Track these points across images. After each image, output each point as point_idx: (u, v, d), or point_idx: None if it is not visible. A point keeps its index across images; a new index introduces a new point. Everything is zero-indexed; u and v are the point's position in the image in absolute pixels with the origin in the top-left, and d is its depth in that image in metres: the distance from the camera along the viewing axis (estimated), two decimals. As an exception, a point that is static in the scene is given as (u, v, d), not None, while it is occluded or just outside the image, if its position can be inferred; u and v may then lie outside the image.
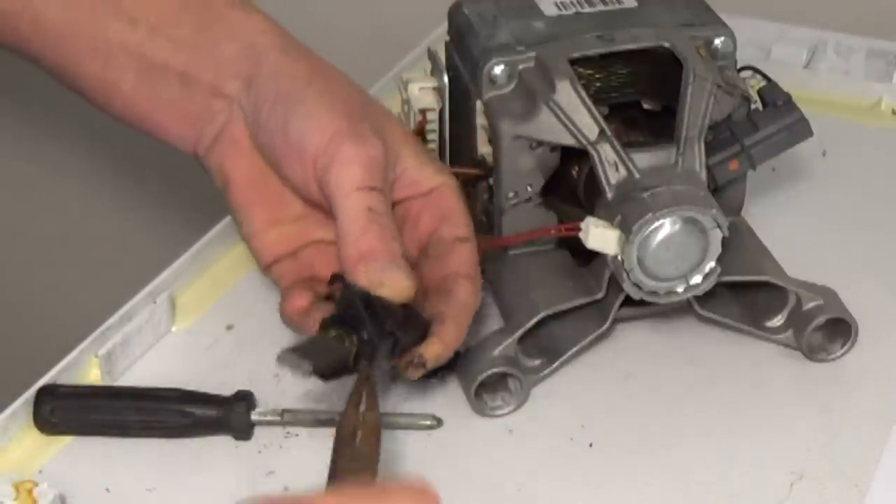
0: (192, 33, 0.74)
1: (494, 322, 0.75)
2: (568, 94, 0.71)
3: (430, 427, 0.71)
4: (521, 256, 0.76)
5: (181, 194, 1.31)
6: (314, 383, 0.74)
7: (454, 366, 0.73)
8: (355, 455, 0.62)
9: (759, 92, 0.76)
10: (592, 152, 0.71)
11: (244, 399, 0.72)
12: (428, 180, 0.72)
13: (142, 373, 0.76)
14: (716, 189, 0.74)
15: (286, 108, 0.71)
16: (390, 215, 0.69)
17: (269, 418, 0.72)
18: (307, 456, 0.70)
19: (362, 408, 0.63)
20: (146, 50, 0.74)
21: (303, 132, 0.70)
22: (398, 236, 0.69)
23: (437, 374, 0.73)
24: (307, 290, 0.71)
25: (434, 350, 0.68)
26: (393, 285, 0.67)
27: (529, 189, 0.74)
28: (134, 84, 0.74)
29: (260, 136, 0.72)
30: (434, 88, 0.77)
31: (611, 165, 0.70)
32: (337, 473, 0.61)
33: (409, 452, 0.70)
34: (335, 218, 0.68)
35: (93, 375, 0.75)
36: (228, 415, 0.71)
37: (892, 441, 0.69)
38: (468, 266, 0.71)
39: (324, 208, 0.71)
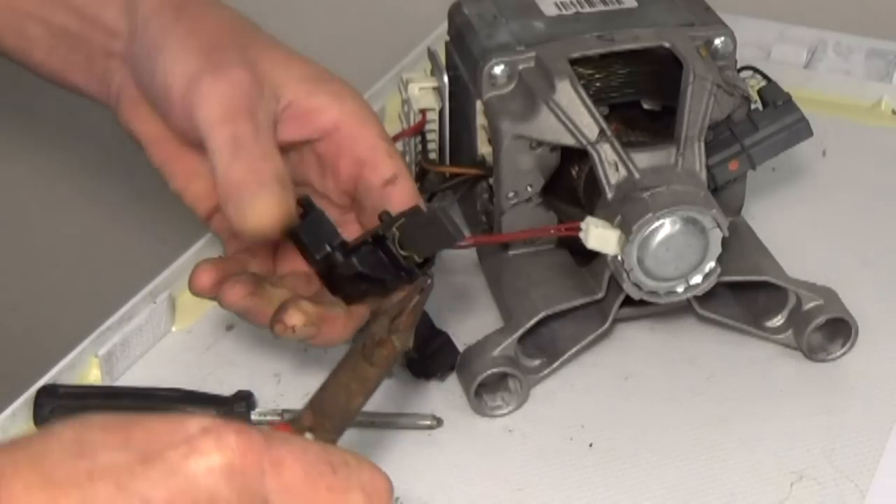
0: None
1: (494, 322, 0.75)
2: (568, 94, 0.71)
3: (430, 427, 0.71)
4: (521, 256, 0.77)
5: (181, 194, 1.31)
6: (314, 383, 0.74)
7: (454, 366, 0.73)
8: (356, 375, 0.57)
9: (759, 92, 0.76)
10: (592, 152, 0.71)
11: (244, 399, 0.72)
12: (324, 112, 0.69)
13: (142, 373, 0.76)
14: (716, 189, 0.74)
15: (153, 60, 0.68)
16: (264, 138, 0.65)
17: (269, 418, 0.72)
18: (307, 456, 0.70)
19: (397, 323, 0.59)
20: (47, 15, 0.73)
21: (167, 80, 0.67)
22: (272, 156, 0.65)
23: (437, 373, 0.74)
24: (218, 263, 0.69)
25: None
26: (256, 216, 0.63)
27: (529, 189, 0.74)
28: (46, 50, 0.73)
29: (144, 91, 0.70)
30: (434, 88, 0.77)
31: (611, 165, 0.70)
32: (326, 393, 0.56)
33: (409, 452, 0.70)
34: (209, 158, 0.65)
35: (93, 375, 0.75)
36: (228, 415, 0.71)
37: (892, 441, 0.69)
38: (407, 206, 0.67)
39: None
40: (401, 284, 0.67)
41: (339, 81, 0.71)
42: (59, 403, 0.71)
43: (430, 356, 0.73)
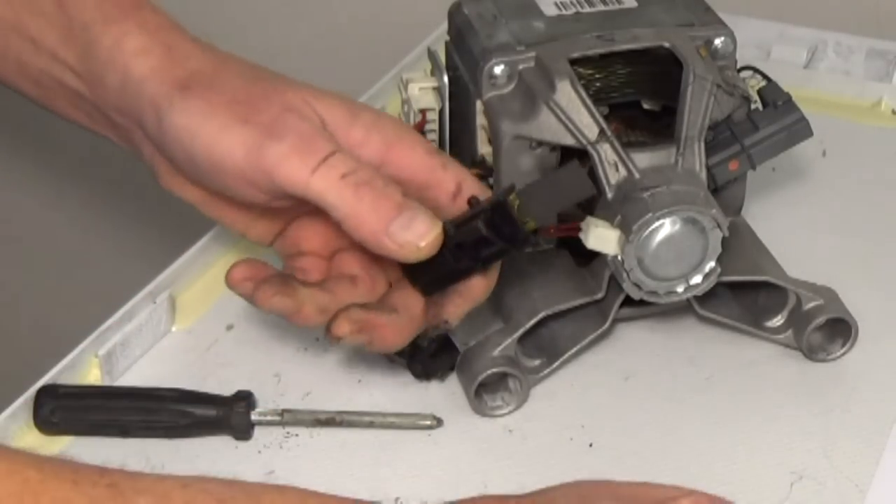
0: (80, 55, 0.70)
1: (494, 322, 0.75)
2: (568, 94, 0.71)
3: (430, 427, 0.71)
4: (521, 256, 0.76)
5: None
6: (314, 383, 0.74)
7: (454, 366, 0.73)
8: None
9: (759, 92, 0.76)
10: (592, 152, 0.71)
11: (244, 399, 0.72)
12: (368, 144, 0.67)
13: (142, 373, 0.76)
14: (716, 189, 0.74)
15: (186, 147, 0.66)
16: (362, 164, 0.65)
17: (269, 418, 0.72)
18: (307, 456, 0.70)
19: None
20: (45, 67, 0.71)
21: (215, 160, 0.65)
22: (387, 179, 0.65)
23: (438, 374, 0.74)
24: (252, 262, 0.69)
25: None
26: (420, 240, 0.64)
27: (529, 189, 0.74)
28: (68, 104, 0.72)
29: (182, 170, 0.69)
30: (434, 88, 0.77)
31: (611, 165, 0.70)
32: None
33: (409, 452, 0.70)
34: (324, 209, 0.65)
35: (93, 375, 0.75)
36: (228, 415, 0.71)
37: (892, 441, 0.69)
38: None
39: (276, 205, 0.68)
40: (507, 255, 0.66)
41: (372, 110, 0.70)
42: (59, 403, 0.71)
43: (431, 356, 0.73)
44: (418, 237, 0.63)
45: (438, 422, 0.71)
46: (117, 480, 0.54)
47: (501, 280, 0.76)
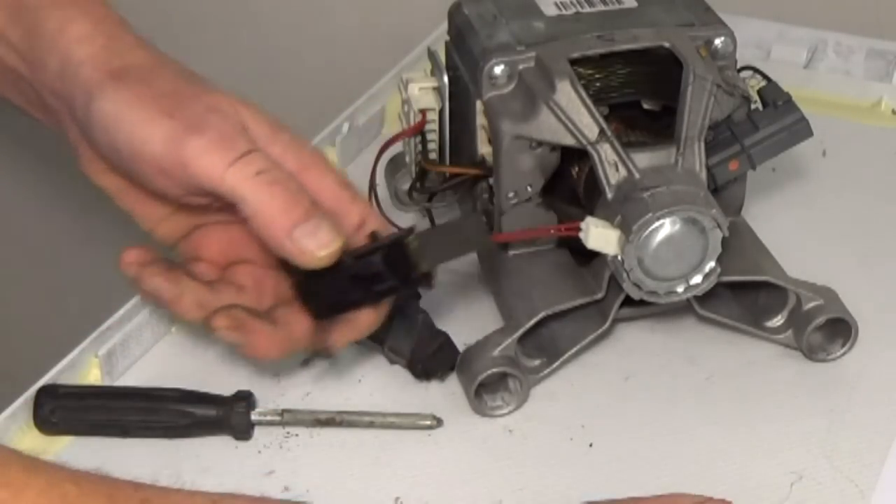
0: (21, 39, 0.70)
1: (494, 322, 0.75)
2: (568, 94, 0.71)
3: (430, 427, 0.71)
4: (521, 256, 0.76)
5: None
6: (314, 383, 0.74)
7: (454, 366, 0.73)
8: None
9: (759, 92, 0.76)
10: (592, 152, 0.71)
11: (244, 399, 0.72)
12: (284, 161, 0.67)
13: (142, 373, 0.76)
14: (716, 189, 0.74)
15: (110, 133, 0.67)
16: (278, 165, 0.66)
17: (269, 418, 0.72)
18: (307, 456, 0.70)
19: None
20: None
21: (135, 150, 0.66)
22: (297, 182, 0.66)
23: (438, 374, 0.74)
24: (147, 247, 0.70)
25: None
26: (321, 247, 0.64)
27: (529, 189, 0.74)
28: (1, 81, 0.73)
29: (102, 156, 0.69)
30: (434, 88, 0.77)
31: (611, 165, 0.70)
32: None
33: (409, 452, 0.70)
34: (236, 204, 0.65)
35: (93, 375, 0.75)
36: (228, 415, 0.71)
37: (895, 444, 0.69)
38: None
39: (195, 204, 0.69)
40: (398, 294, 0.67)
41: (290, 129, 0.70)
42: (59, 403, 0.71)
43: (431, 356, 0.73)
44: (319, 246, 0.64)
45: (438, 422, 0.71)
46: (150, 496, 0.56)
47: (502, 280, 0.76)
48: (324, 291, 0.67)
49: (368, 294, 0.67)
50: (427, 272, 0.66)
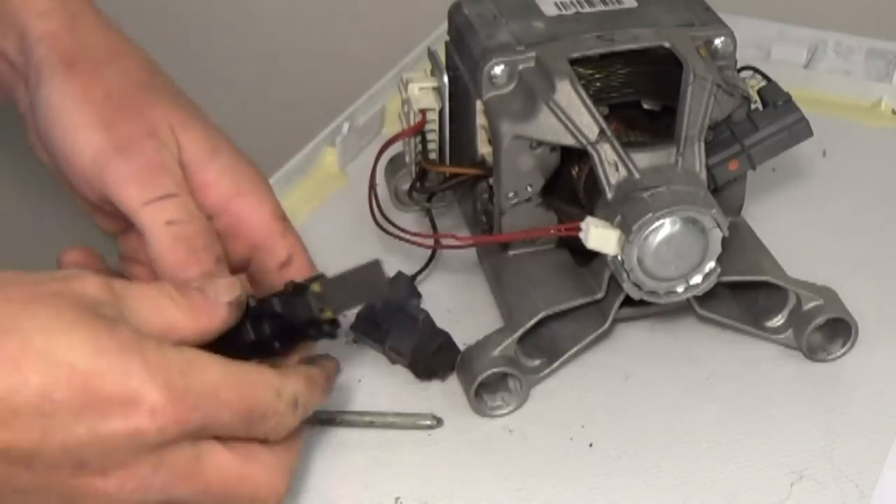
0: None
1: (494, 322, 0.75)
2: (568, 94, 0.71)
3: (430, 427, 0.71)
4: (521, 256, 0.77)
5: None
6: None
7: (454, 365, 0.73)
8: None
9: (759, 92, 0.76)
10: (592, 152, 0.71)
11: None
12: (217, 187, 0.67)
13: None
14: (716, 189, 0.74)
15: (51, 124, 0.66)
16: (193, 215, 0.65)
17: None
18: (307, 455, 0.70)
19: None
20: None
21: (67, 152, 0.66)
22: (209, 238, 0.65)
23: (439, 373, 0.74)
24: (88, 251, 0.70)
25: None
26: (218, 309, 0.62)
27: (529, 189, 0.74)
28: None
29: (43, 145, 0.69)
30: (434, 88, 0.77)
31: (611, 165, 0.70)
32: None
33: (409, 452, 0.70)
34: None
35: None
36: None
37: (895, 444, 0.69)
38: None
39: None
40: (309, 338, 0.66)
41: (231, 148, 0.69)
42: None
43: (432, 356, 0.73)
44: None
45: (438, 422, 0.71)
46: None
47: (502, 280, 0.76)
48: (231, 333, 0.63)
49: (272, 339, 0.64)
50: (332, 320, 0.64)
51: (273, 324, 0.64)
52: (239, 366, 0.59)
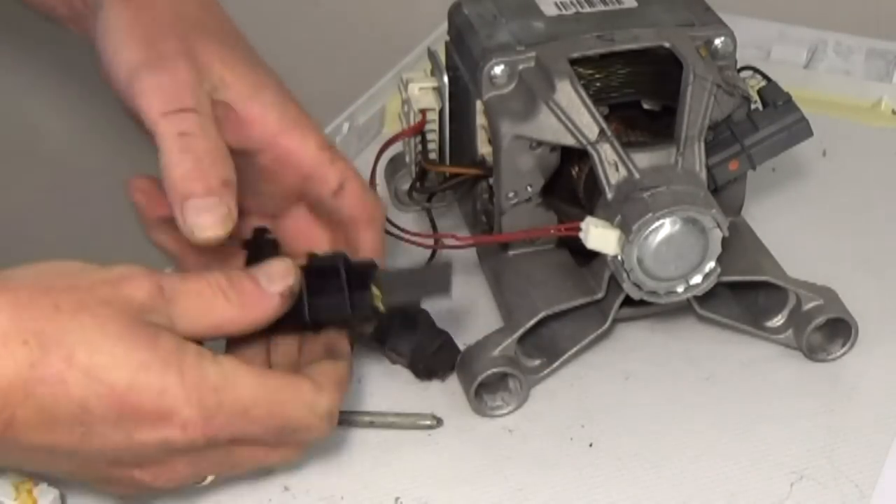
0: None
1: (494, 322, 0.75)
2: (568, 94, 0.71)
3: (429, 427, 0.71)
4: (521, 256, 0.77)
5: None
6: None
7: (454, 365, 0.73)
8: None
9: (759, 92, 0.76)
10: (592, 152, 0.71)
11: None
12: (263, 122, 0.69)
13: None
14: (716, 189, 0.74)
15: (103, 42, 0.69)
16: (208, 133, 0.66)
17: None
18: (307, 456, 0.70)
19: None
20: None
21: (111, 67, 0.68)
22: (219, 157, 0.66)
23: (439, 373, 0.74)
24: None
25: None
26: (205, 229, 0.64)
27: (529, 189, 0.74)
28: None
29: (99, 64, 0.70)
30: (434, 88, 0.77)
31: (611, 165, 0.70)
32: None
33: (409, 452, 0.70)
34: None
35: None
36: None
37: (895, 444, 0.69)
38: (361, 206, 0.71)
39: None
40: (348, 319, 0.67)
41: (277, 86, 0.71)
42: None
43: (432, 355, 0.73)
44: (202, 226, 0.64)
45: (438, 422, 0.71)
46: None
47: (502, 280, 0.76)
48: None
49: (311, 311, 0.66)
50: (376, 310, 0.66)
51: (325, 288, 0.65)
52: (275, 380, 0.61)
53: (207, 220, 0.64)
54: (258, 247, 0.71)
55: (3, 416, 0.56)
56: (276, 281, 0.63)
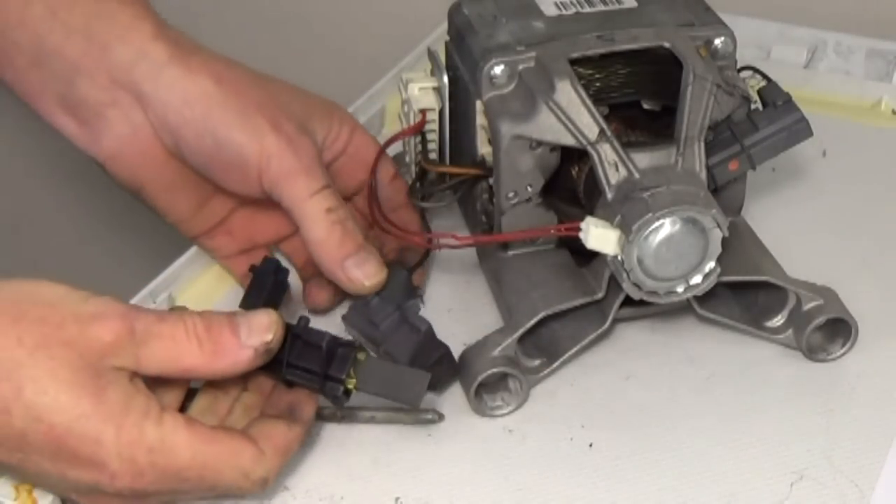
0: (84, 22, 0.73)
1: (494, 322, 0.75)
2: (568, 94, 0.71)
3: (431, 421, 0.71)
4: (521, 256, 0.77)
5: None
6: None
7: (453, 377, 0.73)
8: None
9: (759, 92, 0.76)
10: (592, 152, 0.71)
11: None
12: (340, 138, 0.78)
13: (142, 373, 0.76)
14: (716, 189, 0.74)
15: (211, 130, 0.72)
16: (343, 203, 0.73)
17: (268, 418, 0.71)
18: (307, 454, 0.70)
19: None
20: (40, 30, 0.73)
21: (237, 154, 0.72)
22: (356, 222, 0.74)
23: (438, 386, 0.73)
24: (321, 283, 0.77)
25: None
26: (369, 277, 0.72)
27: (529, 189, 0.74)
28: (27, 62, 0.74)
29: (187, 155, 0.74)
30: (434, 88, 0.77)
31: (611, 165, 0.70)
32: None
33: (410, 452, 0.70)
34: (299, 226, 0.73)
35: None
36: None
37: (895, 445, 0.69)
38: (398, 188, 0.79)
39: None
40: (317, 390, 0.69)
41: (335, 104, 0.79)
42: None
43: (430, 367, 0.72)
44: (366, 276, 0.72)
45: (440, 416, 0.71)
46: None
47: (502, 280, 0.76)
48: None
49: (295, 370, 0.68)
50: (348, 391, 0.68)
51: (306, 353, 0.68)
52: (215, 446, 0.63)
53: (369, 269, 0.72)
54: (262, 276, 0.74)
55: None
56: (255, 335, 0.65)
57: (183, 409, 0.67)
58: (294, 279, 0.78)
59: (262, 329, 0.65)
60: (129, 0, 0.74)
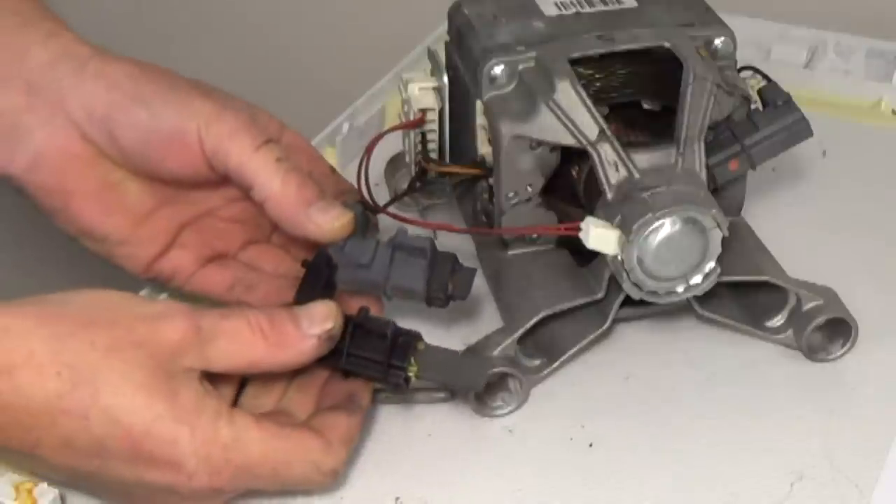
0: (1, 36, 0.71)
1: (494, 322, 0.75)
2: (568, 94, 0.71)
3: (443, 400, 0.72)
4: (521, 256, 0.77)
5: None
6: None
7: (471, 284, 0.72)
8: None
9: (759, 92, 0.76)
10: (592, 152, 0.71)
11: (244, 398, 0.71)
12: (274, 128, 0.75)
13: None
14: (716, 189, 0.74)
15: (145, 103, 0.70)
16: (289, 156, 0.71)
17: (269, 418, 0.71)
18: (307, 456, 0.70)
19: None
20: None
21: (178, 123, 0.70)
22: (307, 173, 0.72)
23: (456, 296, 0.72)
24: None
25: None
26: (333, 221, 0.70)
27: (529, 189, 0.74)
28: None
29: (121, 140, 0.71)
30: (434, 88, 0.77)
31: (611, 165, 0.70)
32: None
33: (409, 452, 0.70)
34: (250, 186, 0.70)
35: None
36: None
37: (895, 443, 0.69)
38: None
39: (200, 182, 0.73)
40: (378, 380, 0.69)
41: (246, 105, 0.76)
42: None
43: (450, 279, 0.70)
44: (334, 218, 0.69)
45: (452, 394, 0.71)
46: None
47: (502, 280, 0.76)
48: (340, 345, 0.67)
49: (349, 359, 0.68)
50: (408, 379, 0.68)
51: (367, 342, 0.67)
52: (285, 441, 0.64)
53: (335, 212, 0.69)
54: (316, 269, 0.71)
55: (31, 437, 0.60)
56: (316, 324, 0.65)
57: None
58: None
59: (323, 318, 0.65)
60: (49, 16, 0.72)
